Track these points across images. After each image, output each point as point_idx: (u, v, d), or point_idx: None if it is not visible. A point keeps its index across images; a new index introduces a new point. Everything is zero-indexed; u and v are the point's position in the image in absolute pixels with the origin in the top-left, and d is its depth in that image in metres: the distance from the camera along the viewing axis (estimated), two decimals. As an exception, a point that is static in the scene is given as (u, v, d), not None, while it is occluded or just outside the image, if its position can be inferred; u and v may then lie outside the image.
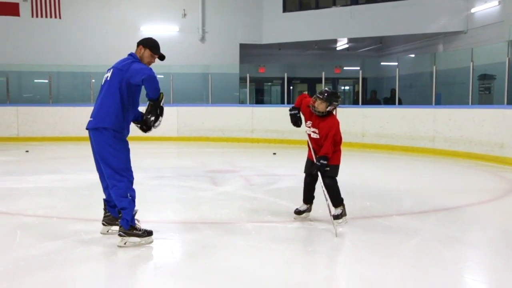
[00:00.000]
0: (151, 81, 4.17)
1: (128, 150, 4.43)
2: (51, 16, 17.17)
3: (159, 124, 4.45)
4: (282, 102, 16.87)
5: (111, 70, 4.41)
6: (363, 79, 15.95)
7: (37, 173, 9.00)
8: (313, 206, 5.49)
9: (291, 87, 21.14)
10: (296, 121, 5.36)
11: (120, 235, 4.37)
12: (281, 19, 19.06)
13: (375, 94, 16.30)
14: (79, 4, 18.33)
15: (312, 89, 21.25)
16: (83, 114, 16.05)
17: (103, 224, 4.78)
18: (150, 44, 4.49)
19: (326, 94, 5.07)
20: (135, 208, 4.43)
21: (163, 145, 14.87)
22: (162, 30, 18.98)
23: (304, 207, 5.44)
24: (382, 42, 19.66)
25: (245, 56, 19.76)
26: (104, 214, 4.76)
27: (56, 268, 3.89)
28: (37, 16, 17.02)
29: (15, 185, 7.78)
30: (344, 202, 5.37)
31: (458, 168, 10.28)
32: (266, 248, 4.45)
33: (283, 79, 16.34)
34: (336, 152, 5.25)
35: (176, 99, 16.30)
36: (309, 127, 5.26)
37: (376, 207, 6.27)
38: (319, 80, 16.34)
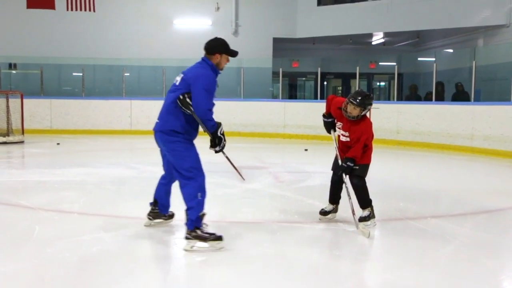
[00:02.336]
0: (204, 122, 4.21)
1: (195, 150, 4.39)
2: (85, 9, 17.16)
3: (221, 148, 4.40)
4: (316, 98, 16.56)
5: (181, 75, 4.40)
6: (399, 74, 15.48)
7: (65, 166, 8.94)
8: (340, 206, 5.22)
9: (325, 82, 20.80)
10: (329, 130, 5.13)
11: (186, 237, 4.23)
12: (316, 12, 18.68)
13: (415, 90, 15.69)
14: (113, -2, 18.41)
15: (347, 84, 20.89)
16: (116, 107, 16.53)
17: (148, 218, 4.83)
18: (225, 49, 4.44)
19: (359, 99, 4.75)
20: (204, 211, 4.25)
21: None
22: (195, 23, 18.90)
23: (330, 207, 5.20)
24: (419, 36, 19.08)
25: (279, 50, 19.51)
26: (152, 209, 4.82)
27: (70, 268, 3.73)
28: (72, 10, 17.03)
29: (41, 178, 7.72)
30: (376, 202, 5.10)
31: (498, 168, 9.85)
32: (290, 252, 4.23)
33: (316, 74, 16.04)
34: (367, 150, 4.98)
35: None
36: (340, 128, 5.02)
37: (410, 209, 5.97)
38: (353, 76, 15.97)
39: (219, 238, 4.22)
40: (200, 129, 4.42)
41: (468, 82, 12.73)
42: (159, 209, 4.79)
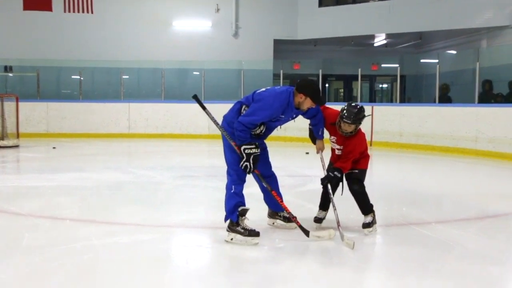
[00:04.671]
0: (238, 130, 4.36)
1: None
2: (83, 11, 17.09)
3: (246, 166, 4.38)
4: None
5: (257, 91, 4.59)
6: (402, 76, 15.38)
7: (60, 170, 8.85)
8: (342, 211, 5.05)
9: (327, 85, 20.70)
10: (314, 139, 5.11)
11: (227, 230, 4.48)
12: (317, 14, 18.60)
13: (447, 90, 15.20)
14: (111, -1, 18.34)
15: (348, 87, 20.76)
16: (113, 110, 16.46)
17: (268, 217, 5.07)
18: (312, 94, 4.43)
19: (353, 117, 4.65)
20: (245, 207, 4.46)
21: (193, 143, 14.77)
22: (195, 25, 18.84)
23: (323, 214, 5.11)
24: (422, 37, 18.96)
25: (279, 52, 19.43)
26: (268, 210, 5.08)
27: (59, 278, 3.61)
28: (69, 11, 16.97)
29: (34, 183, 7.63)
30: (378, 207, 5.00)
31: (503, 171, 9.73)
32: (289, 259, 4.13)
33: (318, 76, 15.92)
34: (365, 157, 4.94)
35: (208, 95, 16.03)
36: (334, 142, 4.98)
37: (413, 213, 5.85)
38: (355, 77, 15.87)
39: (253, 234, 4.41)
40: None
41: (471, 84, 12.61)
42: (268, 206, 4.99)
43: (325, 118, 4.94)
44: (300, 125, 15.55)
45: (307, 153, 11.96)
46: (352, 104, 4.78)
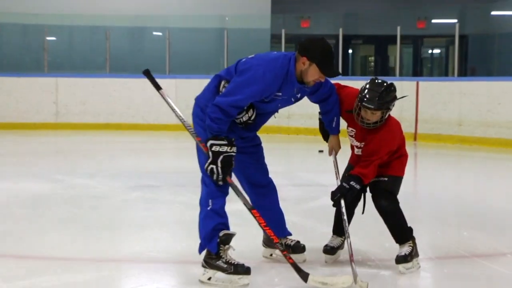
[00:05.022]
0: (210, 118, 4.32)
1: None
2: None
3: (212, 171, 4.35)
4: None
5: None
6: (462, 37, 15.37)
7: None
8: (363, 236, 5.22)
9: (350, 50, 20.70)
10: (326, 136, 5.15)
11: (202, 265, 4.46)
12: None
13: None
14: None
15: (382, 54, 20.70)
16: (32, 89, 16.24)
17: (264, 245, 5.08)
18: (319, 58, 4.36)
19: (378, 100, 4.60)
20: (228, 231, 4.43)
21: (154, 137, 14.84)
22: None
23: (337, 241, 5.06)
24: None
25: (280, 4, 19.40)
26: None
27: None
28: None
29: None
30: (423, 231, 5.14)
31: None
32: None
33: (337, 37, 15.83)
34: (399, 158, 4.92)
35: (174, 68, 15.99)
36: (352, 136, 4.94)
37: (479, 241, 5.84)
38: (392, 39, 15.85)
39: (239, 270, 4.35)
40: None
41: None
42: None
43: (341, 101, 4.90)
44: (309, 110, 15.64)
45: (321, 151, 11.84)
46: (377, 81, 4.73)
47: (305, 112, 15.16)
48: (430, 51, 21.25)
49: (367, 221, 4.97)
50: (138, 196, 7.86)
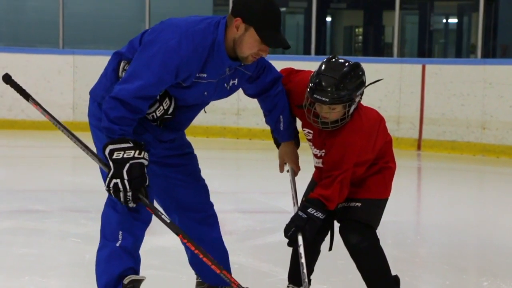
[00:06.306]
0: (106, 114, 3.60)
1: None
2: None
3: (116, 187, 3.60)
4: (306, 52, 15.60)
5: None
6: (488, 1, 14.21)
7: None
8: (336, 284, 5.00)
9: (328, 18, 19.87)
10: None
11: None
12: None
13: None
14: None
15: (375, 23, 19.70)
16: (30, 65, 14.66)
17: None
18: (259, 19, 3.66)
19: (335, 90, 3.80)
20: (138, 276, 3.85)
21: (39, 141, 13.05)
22: None
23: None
24: None
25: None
26: (196, 277, 4.53)
27: None
28: None
29: None
30: (424, 280, 5.17)
31: None
32: None
33: (310, 1, 14.33)
34: (382, 171, 4.10)
35: (70, 38, 14.40)
36: (310, 140, 4.19)
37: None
38: (389, 3, 14.39)
39: None
40: None
41: None
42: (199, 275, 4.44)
43: (291, 92, 4.16)
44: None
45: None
46: (334, 61, 3.93)
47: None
48: (443, 20, 19.92)
49: (340, 262, 4.75)
50: (13, 226, 6.94)
